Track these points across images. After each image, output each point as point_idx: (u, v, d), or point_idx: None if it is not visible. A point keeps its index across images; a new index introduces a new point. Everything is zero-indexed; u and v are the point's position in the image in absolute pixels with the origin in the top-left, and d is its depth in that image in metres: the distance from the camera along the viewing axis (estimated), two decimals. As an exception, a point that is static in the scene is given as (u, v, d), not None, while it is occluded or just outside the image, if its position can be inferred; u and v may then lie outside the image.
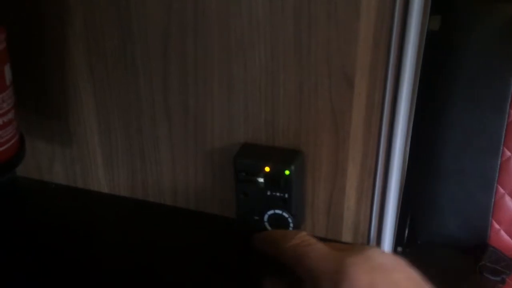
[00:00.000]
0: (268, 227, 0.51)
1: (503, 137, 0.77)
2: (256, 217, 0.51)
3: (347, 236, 0.52)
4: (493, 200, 0.80)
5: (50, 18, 0.52)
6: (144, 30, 0.49)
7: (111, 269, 0.50)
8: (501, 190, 0.79)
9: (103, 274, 0.49)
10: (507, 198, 0.80)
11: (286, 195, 0.49)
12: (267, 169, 0.48)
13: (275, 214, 0.50)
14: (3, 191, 0.59)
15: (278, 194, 0.49)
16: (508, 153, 0.80)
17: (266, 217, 0.50)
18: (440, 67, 0.79)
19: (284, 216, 0.49)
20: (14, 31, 0.45)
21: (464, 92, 0.79)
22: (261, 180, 0.49)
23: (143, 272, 0.49)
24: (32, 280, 0.48)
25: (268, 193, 0.49)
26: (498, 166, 0.79)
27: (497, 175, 0.78)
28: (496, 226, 0.80)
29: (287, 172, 0.48)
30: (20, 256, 0.51)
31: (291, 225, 0.50)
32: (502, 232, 0.80)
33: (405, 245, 0.85)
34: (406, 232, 0.86)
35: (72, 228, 0.55)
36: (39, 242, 0.53)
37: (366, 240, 0.51)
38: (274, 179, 0.48)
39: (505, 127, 0.77)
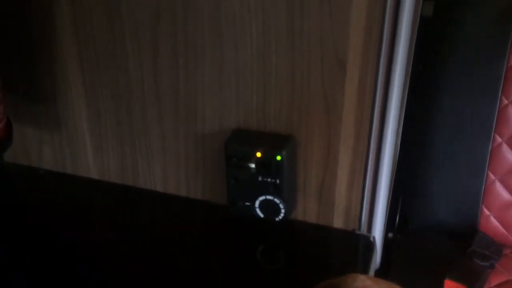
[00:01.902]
0: (260, 213, 0.51)
1: (494, 123, 0.77)
2: (248, 203, 0.50)
3: (338, 222, 0.52)
4: (483, 186, 0.81)
5: (37, 2, 0.51)
6: (133, 11, 0.48)
7: (101, 255, 0.50)
8: (492, 176, 0.79)
9: (92, 259, 0.49)
10: (498, 184, 0.80)
11: (278, 181, 0.48)
12: (258, 154, 0.48)
13: (266, 199, 0.49)
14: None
15: (269, 179, 0.48)
16: (499, 139, 0.80)
17: (257, 202, 0.50)
18: (433, 53, 0.79)
19: (275, 202, 0.49)
20: (1, 14, 0.44)
21: (455, 78, 0.79)
22: (252, 165, 0.48)
23: (134, 258, 0.49)
24: (20, 265, 0.48)
25: (260, 178, 0.49)
26: (489, 152, 0.79)
27: (487, 161, 0.79)
28: (486, 212, 0.81)
29: (278, 158, 0.47)
30: (8, 241, 0.51)
31: (283, 210, 0.50)
32: (492, 218, 0.81)
33: (396, 231, 0.85)
34: (397, 218, 0.87)
35: (61, 214, 0.55)
36: (28, 228, 0.53)
37: (357, 225, 0.51)
38: (265, 165, 0.48)
39: (496, 113, 0.77)
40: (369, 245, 0.51)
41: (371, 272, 0.49)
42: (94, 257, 0.49)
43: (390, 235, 0.78)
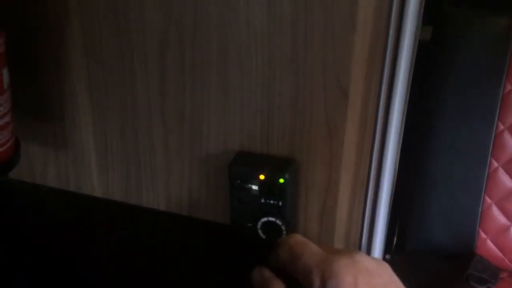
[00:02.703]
0: (261, 235, 0.51)
1: (491, 147, 0.78)
2: (250, 224, 0.51)
3: (338, 244, 0.52)
4: (480, 209, 0.82)
5: (48, 22, 0.53)
6: (142, 35, 0.50)
7: (103, 274, 0.50)
8: (488, 200, 0.80)
9: (95, 278, 0.49)
10: (494, 208, 0.81)
11: (280, 203, 0.49)
12: (261, 177, 0.49)
13: (268, 221, 0.50)
14: (-5, 193, 0.59)
15: (272, 201, 0.49)
16: (495, 164, 0.81)
17: (259, 224, 0.51)
18: (430, 76, 0.81)
19: (277, 224, 0.50)
20: (11, 33, 0.45)
21: (453, 102, 0.80)
22: (255, 187, 0.49)
23: (136, 277, 0.49)
24: (23, 283, 0.48)
25: (262, 200, 0.50)
26: (486, 177, 0.80)
27: (484, 185, 0.80)
28: (483, 235, 0.82)
29: (281, 180, 0.48)
30: (12, 259, 0.51)
31: (284, 232, 0.50)
32: (489, 242, 0.82)
33: (393, 253, 0.86)
34: (395, 240, 0.87)
35: (64, 232, 0.55)
36: (31, 245, 0.53)
37: (358, 248, 0.52)
38: (268, 187, 0.49)
39: (493, 138, 0.78)
40: (369, 268, 0.51)
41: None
42: (96, 274, 0.50)
43: (388, 257, 0.79)
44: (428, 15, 0.50)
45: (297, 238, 0.38)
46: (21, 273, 0.49)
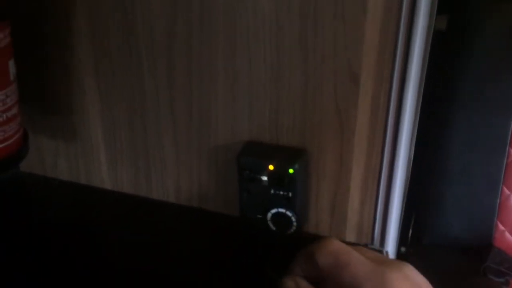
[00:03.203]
0: (271, 226, 0.51)
1: (509, 137, 0.76)
2: (259, 216, 0.50)
3: (350, 236, 0.51)
4: (498, 201, 0.80)
5: (55, 13, 0.52)
6: (149, 26, 0.49)
7: (113, 266, 0.50)
8: (507, 191, 0.78)
9: (105, 270, 0.49)
10: (513, 199, 0.79)
11: (290, 194, 0.48)
12: (271, 167, 0.48)
13: (278, 212, 0.49)
14: (7, 186, 0.59)
15: (281, 192, 0.48)
16: (514, 154, 0.79)
17: (269, 215, 0.50)
18: (447, 67, 0.79)
19: (287, 215, 0.49)
20: (19, 26, 0.45)
21: (470, 92, 0.78)
22: (265, 178, 0.48)
23: (146, 269, 0.49)
24: (34, 275, 0.48)
25: (272, 191, 0.49)
26: (504, 167, 0.78)
27: (502, 176, 0.78)
28: (501, 227, 0.80)
29: (291, 171, 0.47)
30: (23, 252, 0.51)
31: (294, 224, 0.49)
32: (507, 234, 0.80)
33: (408, 246, 0.84)
34: (410, 232, 0.86)
35: (74, 224, 0.55)
36: (42, 238, 0.53)
37: (370, 240, 0.51)
38: (278, 178, 0.48)
39: (511, 127, 0.76)
40: (382, 260, 0.50)
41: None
42: (106, 267, 0.49)
43: (403, 249, 0.77)
44: (443, 4, 0.49)
45: (339, 244, 0.35)
46: (32, 265, 0.49)
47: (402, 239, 0.58)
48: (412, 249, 0.82)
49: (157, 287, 0.46)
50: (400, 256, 0.60)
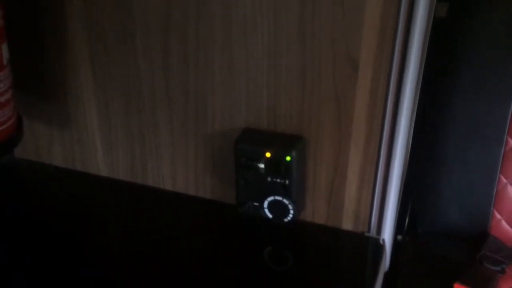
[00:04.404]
0: (268, 214, 0.50)
1: (507, 126, 0.76)
2: (256, 203, 0.50)
3: (347, 224, 0.51)
4: (495, 190, 0.80)
5: (49, -3, 0.51)
6: (144, 8, 0.48)
7: (109, 252, 0.50)
8: (504, 180, 0.78)
9: (101, 257, 0.49)
10: (510, 188, 0.79)
11: (287, 182, 0.48)
12: (268, 154, 0.47)
13: (275, 200, 0.49)
14: (1, 172, 0.58)
15: (278, 180, 0.48)
16: (511, 143, 0.78)
17: (266, 203, 0.50)
18: (446, 55, 0.78)
19: (284, 203, 0.49)
20: (13, 10, 0.44)
21: (469, 81, 0.78)
22: (261, 165, 0.48)
23: (142, 256, 0.49)
24: (28, 262, 0.48)
25: (269, 179, 0.48)
26: (502, 156, 0.78)
27: (500, 164, 0.77)
28: (498, 216, 0.80)
29: (288, 158, 0.47)
30: (18, 238, 0.51)
31: (291, 211, 0.49)
32: (503, 222, 0.80)
33: (405, 233, 0.84)
34: (407, 220, 0.86)
35: (70, 211, 0.55)
36: (37, 224, 0.53)
37: (367, 228, 0.51)
38: (275, 165, 0.48)
39: (509, 116, 0.76)
40: (379, 247, 0.50)
41: (380, 274, 0.49)
42: (100, 254, 0.49)
43: (399, 237, 0.77)
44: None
45: None
46: (27, 252, 0.49)
47: (398, 227, 0.58)
48: (409, 237, 0.82)
49: (153, 274, 0.46)
50: (396, 244, 0.60)
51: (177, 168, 0.55)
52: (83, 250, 0.50)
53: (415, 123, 0.49)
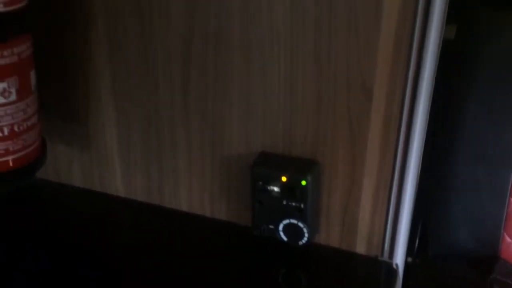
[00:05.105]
0: (283, 237, 0.51)
1: (518, 149, 0.76)
2: (271, 226, 0.51)
3: (361, 247, 0.52)
4: (505, 213, 0.80)
5: (73, 24, 0.53)
6: (166, 36, 0.50)
7: (125, 273, 0.50)
8: (514, 203, 0.78)
9: (117, 277, 0.50)
10: (520, 211, 0.79)
11: (302, 205, 0.49)
12: (284, 178, 0.49)
13: (290, 223, 0.50)
14: (21, 193, 0.60)
15: (294, 203, 0.49)
16: (521, 166, 0.79)
17: (281, 226, 0.51)
18: (454, 77, 0.79)
19: (299, 226, 0.50)
20: (38, 35, 0.46)
21: (477, 103, 0.78)
22: (277, 189, 0.49)
23: (158, 277, 0.49)
24: (48, 281, 0.49)
25: (284, 202, 0.49)
26: None
27: (510, 187, 0.78)
28: (508, 239, 0.80)
29: (303, 182, 0.48)
30: (38, 258, 0.52)
31: (306, 235, 0.50)
32: (514, 246, 0.79)
33: (415, 256, 0.84)
34: (417, 242, 0.86)
35: (88, 231, 0.56)
36: (56, 244, 0.54)
37: (380, 252, 0.52)
38: (290, 189, 0.49)
39: (520, 139, 0.76)
40: (392, 272, 0.51)
41: (393, 298, 0.49)
42: (117, 274, 0.50)
43: (409, 259, 0.77)
44: (451, 13, 0.49)
45: None
46: (46, 271, 0.50)
47: (408, 249, 0.59)
48: (419, 260, 0.82)
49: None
50: (406, 266, 0.60)
51: (194, 190, 0.57)
52: (100, 269, 0.50)
53: (425, 144, 0.49)
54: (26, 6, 0.43)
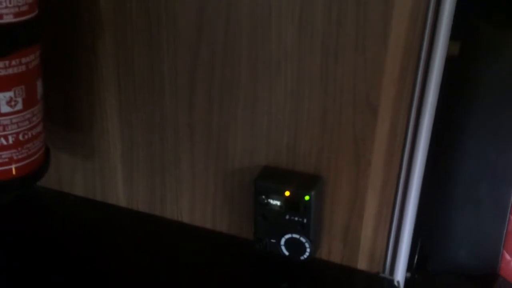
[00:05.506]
0: (285, 251, 0.51)
1: (519, 167, 0.76)
2: (273, 240, 0.51)
3: (362, 264, 0.52)
4: (505, 230, 0.80)
5: (81, 33, 0.53)
6: (173, 48, 0.50)
7: (125, 283, 0.50)
8: (514, 221, 0.78)
9: (117, 287, 0.49)
10: (520, 229, 0.79)
11: (305, 220, 0.49)
12: (287, 193, 0.49)
13: (292, 238, 0.50)
14: (23, 200, 0.59)
15: (296, 218, 0.49)
16: (522, 184, 0.78)
17: (283, 240, 0.51)
18: (457, 94, 0.79)
19: (301, 241, 0.50)
20: (44, 43, 0.46)
21: (480, 120, 0.78)
22: (280, 203, 0.49)
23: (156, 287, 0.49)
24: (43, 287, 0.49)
25: (287, 217, 0.49)
26: (512, 197, 0.78)
27: (510, 204, 0.78)
28: (507, 257, 0.80)
29: (307, 198, 0.48)
30: (37, 266, 0.52)
31: (308, 250, 0.50)
32: (513, 264, 0.79)
33: (414, 272, 0.84)
34: (416, 258, 0.85)
35: (88, 240, 0.56)
36: (56, 252, 0.54)
37: (381, 269, 0.51)
38: (293, 204, 0.49)
39: (521, 156, 0.76)
40: (393, 289, 0.51)
41: (394, 316, 0.49)
42: (116, 284, 0.50)
43: (408, 275, 0.77)
44: (454, 29, 0.50)
45: None
46: (46, 279, 0.50)
47: (407, 264, 0.59)
48: (418, 276, 0.81)
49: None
50: (405, 281, 0.60)
51: (196, 202, 0.57)
52: (100, 279, 0.50)
53: (427, 161, 0.50)
54: (36, 17, 0.43)
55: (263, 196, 0.49)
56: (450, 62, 0.54)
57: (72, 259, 0.53)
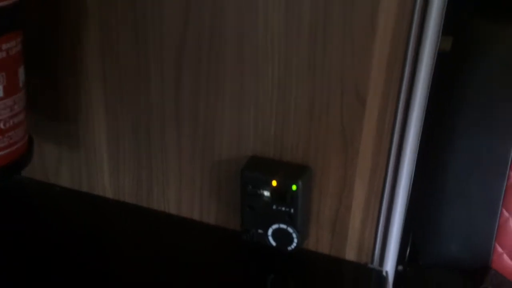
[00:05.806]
0: (272, 241, 0.51)
1: (510, 160, 0.76)
2: (260, 231, 0.50)
3: (350, 255, 0.51)
4: (497, 223, 0.80)
5: (66, 23, 0.53)
6: (159, 38, 0.50)
7: (111, 274, 0.50)
8: (506, 213, 0.78)
9: (103, 278, 0.49)
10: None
11: (292, 210, 0.48)
12: (274, 183, 0.48)
13: (279, 228, 0.49)
14: (8, 191, 0.59)
15: (284, 208, 0.49)
16: (514, 177, 0.79)
17: (270, 231, 0.50)
18: (448, 89, 0.79)
19: (288, 231, 0.49)
20: (30, 33, 0.45)
21: (471, 114, 0.78)
22: (267, 194, 0.49)
23: (144, 280, 0.49)
24: (33, 281, 0.48)
25: (274, 207, 0.49)
26: (504, 189, 0.78)
27: (502, 198, 0.78)
28: (499, 249, 0.80)
29: (294, 187, 0.47)
30: (23, 257, 0.51)
31: (295, 240, 0.49)
32: (505, 256, 0.80)
33: (406, 265, 0.84)
34: (408, 251, 0.85)
35: (74, 232, 0.55)
36: (42, 244, 0.53)
37: (370, 259, 0.51)
38: (280, 194, 0.48)
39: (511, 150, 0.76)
40: (382, 279, 0.50)
41: (382, 307, 0.49)
42: (102, 276, 0.49)
43: (400, 268, 0.77)
44: (447, 25, 0.49)
45: None
46: (31, 271, 0.49)
47: (399, 258, 0.58)
48: (409, 269, 0.81)
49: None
50: (397, 274, 0.60)
51: (183, 193, 0.56)
52: (86, 270, 0.50)
53: (418, 156, 0.49)
54: (17, 2, 0.42)
55: (250, 186, 0.49)
56: (442, 58, 0.53)
57: (58, 250, 0.52)
